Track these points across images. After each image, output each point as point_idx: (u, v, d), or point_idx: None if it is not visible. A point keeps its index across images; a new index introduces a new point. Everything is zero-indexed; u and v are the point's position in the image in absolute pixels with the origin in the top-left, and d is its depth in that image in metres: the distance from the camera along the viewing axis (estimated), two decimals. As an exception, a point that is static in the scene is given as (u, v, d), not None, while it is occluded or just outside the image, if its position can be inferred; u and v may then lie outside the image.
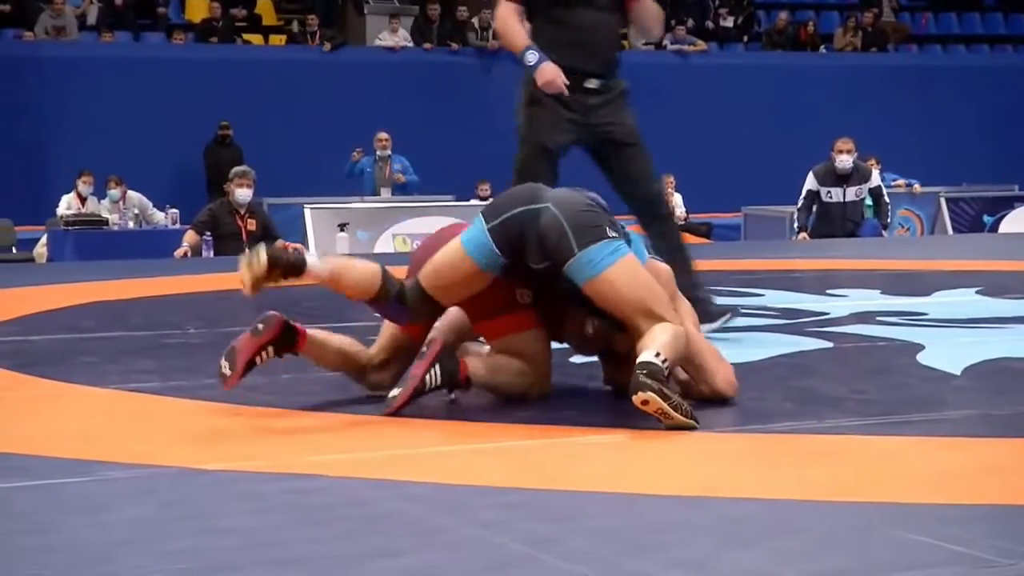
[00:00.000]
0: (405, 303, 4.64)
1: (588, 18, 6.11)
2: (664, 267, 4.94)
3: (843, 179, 13.15)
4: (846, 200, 13.17)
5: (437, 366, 4.53)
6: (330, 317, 6.16)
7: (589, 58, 6.13)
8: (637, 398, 4.21)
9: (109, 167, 15.24)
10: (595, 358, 5.03)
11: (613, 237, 4.53)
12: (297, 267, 4.57)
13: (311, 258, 4.62)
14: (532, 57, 6.07)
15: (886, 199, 13.59)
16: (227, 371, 4.59)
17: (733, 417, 4.54)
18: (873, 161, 15.07)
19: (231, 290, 8.74)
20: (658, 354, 4.32)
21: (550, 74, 6.03)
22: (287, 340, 4.68)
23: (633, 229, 5.07)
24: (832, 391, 5.07)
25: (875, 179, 13.48)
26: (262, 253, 4.53)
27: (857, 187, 13.19)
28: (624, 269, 4.53)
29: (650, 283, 4.58)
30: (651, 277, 4.62)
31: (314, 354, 4.79)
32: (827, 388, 5.14)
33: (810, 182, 13.30)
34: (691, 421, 4.27)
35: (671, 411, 4.22)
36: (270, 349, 4.63)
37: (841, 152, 13.10)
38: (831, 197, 13.17)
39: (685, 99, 20.80)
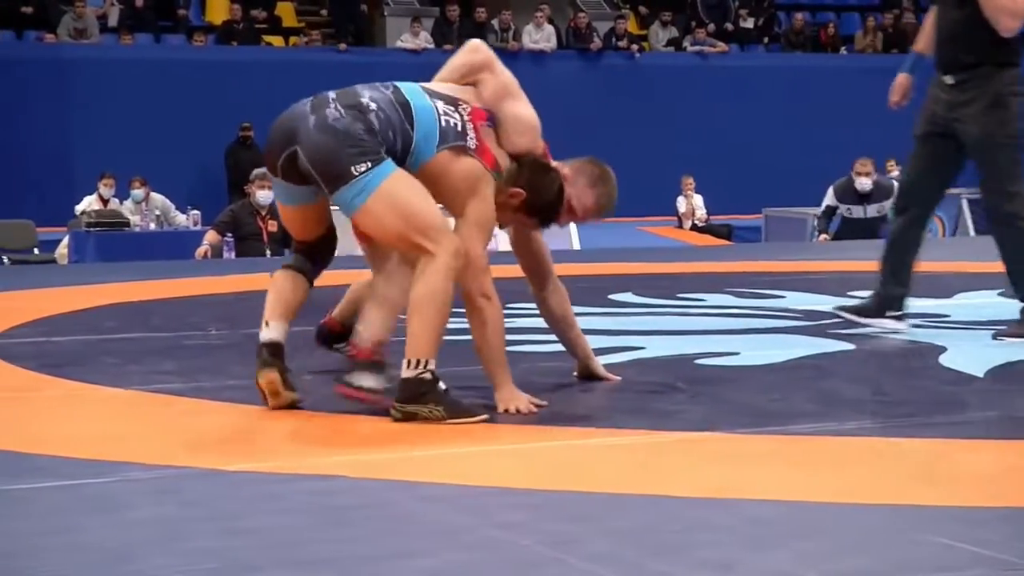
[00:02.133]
0: None
1: (941, 17, 6.41)
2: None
3: (864, 197, 13.09)
4: (867, 216, 13.09)
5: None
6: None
7: (941, 55, 6.43)
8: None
9: (131, 168, 15.27)
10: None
11: (360, 173, 4.38)
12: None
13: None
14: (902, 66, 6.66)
15: None
16: None
17: (755, 418, 4.52)
18: (892, 162, 15.01)
19: (252, 291, 8.77)
20: (410, 363, 4.37)
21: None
22: None
23: None
24: (854, 393, 5.06)
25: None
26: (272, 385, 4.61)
27: (879, 204, 13.03)
28: (376, 204, 4.40)
29: (409, 205, 4.41)
30: (413, 194, 4.43)
31: None
32: (849, 390, 5.13)
33: (829, 198, 13.26)
34: (465, 418, 4.39)
35: (439, 420, 4.37)
36: None
37: (860, 175, 13.03)
38: (851, 213, 13.11)
39: (706, 100, 20.79)
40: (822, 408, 4.74)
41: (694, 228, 18.10)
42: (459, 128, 4.59)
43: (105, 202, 14.88)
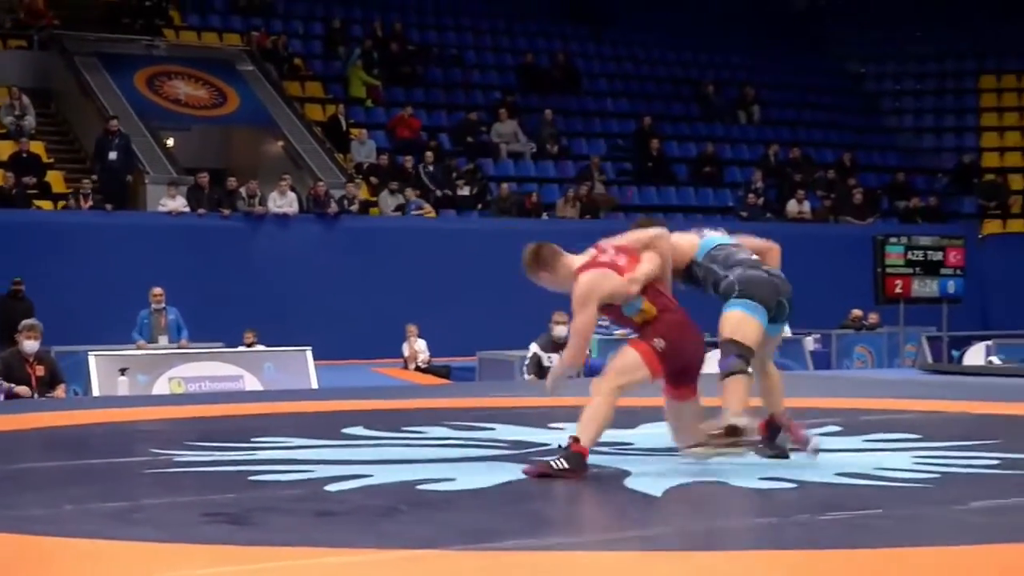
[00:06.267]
0: None
1: None
2: None
3: (561, 345, 12.92)
4: None
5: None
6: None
7: None
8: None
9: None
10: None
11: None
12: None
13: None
14: None
15: None
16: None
17: (469, 536, 4.54)
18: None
19: (21, 430, 8.48)
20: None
21: None
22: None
23: None
24: (554, 513, 5.12)
25: None
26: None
27: None
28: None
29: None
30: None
31: None
32: (550, 510, 5.19)
33: (534, 347, 13.26)
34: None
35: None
36: None
37: (558, 323, 12.94)
38: (551, 362, 12.97)
39: (427, 258, 20.99)
40: (527, 527, 4.79)
41: (418, 369, 18.17)
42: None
43: None
